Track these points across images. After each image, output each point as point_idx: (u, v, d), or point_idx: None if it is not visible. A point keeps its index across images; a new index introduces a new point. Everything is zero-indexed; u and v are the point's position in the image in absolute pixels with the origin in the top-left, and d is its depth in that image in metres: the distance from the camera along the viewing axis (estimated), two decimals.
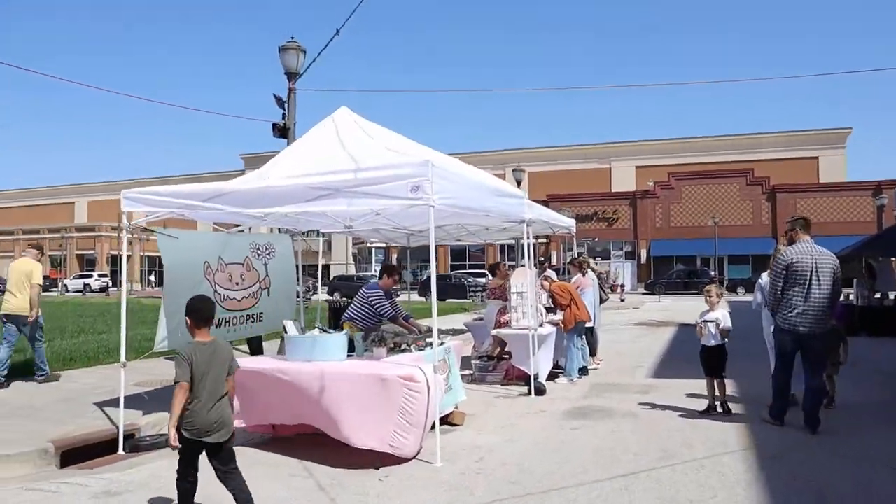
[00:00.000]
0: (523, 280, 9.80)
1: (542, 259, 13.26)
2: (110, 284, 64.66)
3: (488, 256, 58.05)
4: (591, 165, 64.82)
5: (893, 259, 18.84)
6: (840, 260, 7.28)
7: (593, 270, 12.44)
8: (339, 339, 6.65)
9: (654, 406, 8.29)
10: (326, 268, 74.03)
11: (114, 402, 7.86)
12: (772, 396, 7.34)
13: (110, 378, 9.78)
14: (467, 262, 59.77)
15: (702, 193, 53.45)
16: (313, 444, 6.55)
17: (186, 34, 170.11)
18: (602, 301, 12.31)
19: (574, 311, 10.05)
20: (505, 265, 11.81)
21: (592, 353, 11.35)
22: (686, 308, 29.21)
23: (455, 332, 16.82)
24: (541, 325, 10.28)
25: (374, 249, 66.57)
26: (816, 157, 58.91)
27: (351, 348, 7.29)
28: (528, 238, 9.54)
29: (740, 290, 44.86)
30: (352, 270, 66.74)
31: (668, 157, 61.20)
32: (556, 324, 10.46)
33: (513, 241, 12.95)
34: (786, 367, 7.15)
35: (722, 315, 8.04)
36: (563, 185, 59.86)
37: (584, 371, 10.61)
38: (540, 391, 9.10)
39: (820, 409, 7.03)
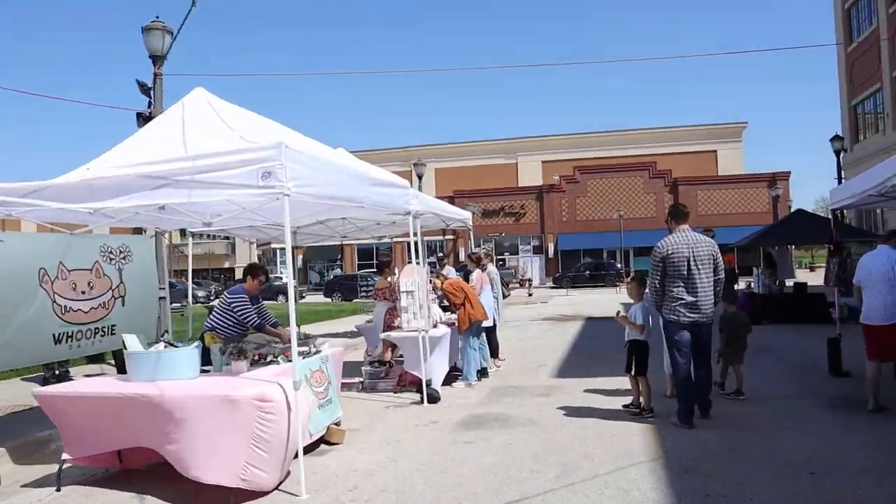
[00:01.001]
0: (412, 278, 9.00)
1: (441, 255, 12.49)
2: None
3: (396, 255, 57.14)
4: (498, 161, 64.76)
5: (789, 247, 19.10)
6: (739, 250, 7.02)
7: (494, 264, 11.76)
8: (187, 354, 5.65)
9: (555, 410, 7.62)
10: (231, 271, 71.56)
11: None
12: (677, 397, 6.85)
13: None
14: (374, 262, 58.67)
15: (607, 187, 54.12)
16: (165, 477, 5.56)
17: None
18: (505, 297, 11.62)
19: (469, 310, 9.31)
20: (392, 265, 10.94)
21: (494, 354, 10.66)
22: (593, 301, 29.15)
23: (352, 335, 15.91)
24: (434, 326, 9.52)
25: (278, 251, 64.61)
26: (715, 151, 60.62)
27: (210, 362, 6.33)
28: (417, 232, 8.75)
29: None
30: None
31: (574, 152, 61.71)
32: (451, 324, 9.71)
33: (432, 239, 12.15)
34: (684, 359, 6.74)
35: (634, 310, 7.39)
36: (471, 181, 59.55)
37: (483, 373, 9.91)
38: (433, 398, 8.32)
39: (710, 393, 6.90)
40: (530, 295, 35.17)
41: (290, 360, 6.27)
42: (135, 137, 6.45)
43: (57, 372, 9.82)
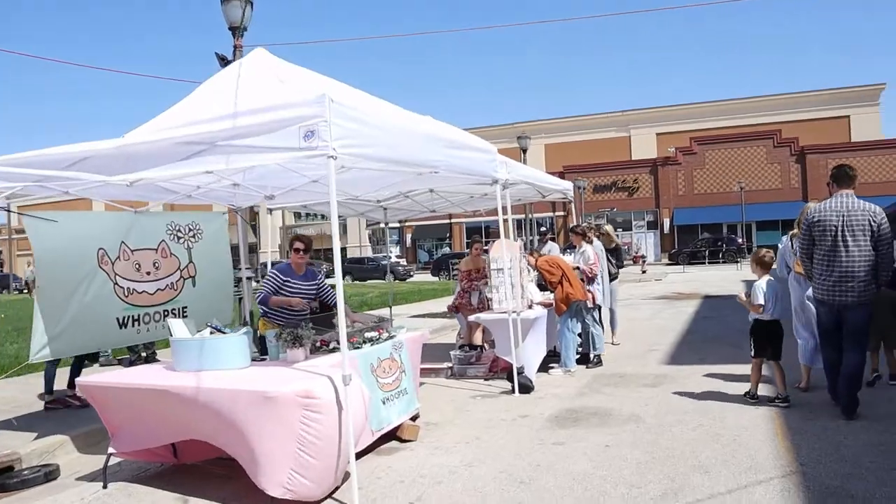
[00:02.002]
0: (503, 254, 8.13)
1: (543, 230, 11.60)
2: None
3: (514, 232, 56.21)
4: (610, 135, 62.33)
5: None
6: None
7: (600, 239, 10.65)
8: (235, 341, 5.03)
9: (664, 404, 6.60)
10: (343, 251, 72.72)
11: None
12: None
13: None
14: (484, 240, 58.00)
15: (726, 158, 50.98)
16: (221, 476, 5.03)
17: None
18: (612, 275, 10.51)
19: (567, 288, 8.35)
20: (481, 243, 10.02)
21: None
22: (712, 278, 27.32)
23: (438, 316, 15.20)
24: (529, 307, 8.63)
25: (387, 230, 65.04)
26: (848, 116, 55.88)
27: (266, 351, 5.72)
28: (506, 203, 7.88)
29: (770, 256, 42.57)
30: (368, 252, 65.18)
31: (690, 123, 58.53)
32: (547, 305, 8.78)
33: (542, 216, 11.23)
34: (828, 344, 5.96)
35: (755, 288, 6.37)
36: (581, 155, 57.62)
37: (585, 359, 8.93)
38: (525, 388, 7.44)
39: (858, 391, 5.78)
40: (644, 272, 33.48)
41: (359, 346, 5.64)
42: (184, 101, 5.87)
43: (144, 354, 9.63)
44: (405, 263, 48.47)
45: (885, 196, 33.58)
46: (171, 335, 5.15)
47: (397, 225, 63.31)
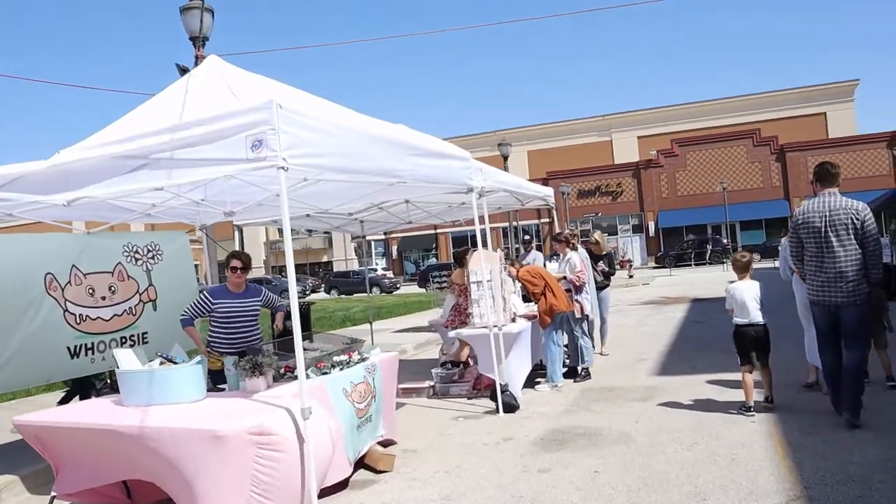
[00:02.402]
0: (484, 266, 7.75)
1: (527, 238, 11.19)
2: None
3: (492, 242, 55.86)
4: (592, 139, 62.22)
5: None
6: None
7: (590, 246, 10.30)
8: (188, 372, 4.61)
9: (655, 420, 6.22)
10: (329, 265, 72.01)
11: None
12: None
13: None
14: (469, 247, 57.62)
15: (708, 159, 50.96)
16: None
17: None
18: (600, 284, 10.12)
19: (550, 300, 7.98)
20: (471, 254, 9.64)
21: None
22: (699, 280, 27.10)
23: (423, 330, 14.77)
24: (513, 321, 8.25)
25: (373, 242, 64.55)
26: (824, 113, 56.05)
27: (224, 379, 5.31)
28: (485, 214, 7.51)
29: (755, 256, 42.40)
30: (354, 265, 64.55)
31: (671, 125, 58.50)
32: (531, 317, 8.41)
33: (528, 224, 10.80)
34: (826, 346, 5.74)
35: (731, 290, 6.20)
36: (564, 161, 57.32)
37: (573, 372, 8.55)
38: (510, 407, 7.04)
39: (861, 394, 5.51)
40: (631, 277, 33.23)
41: (325, 372, 5.24)
42: (128, 115, 5.46)
43: (109, 381, 9.13)
44: (392, 276, 47.98)
45: (865, 191, 33.55)
46: (118, 367, 4.72)
47: (382, 237, 62.82)
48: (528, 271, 8.21)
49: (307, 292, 47.54)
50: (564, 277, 8.58)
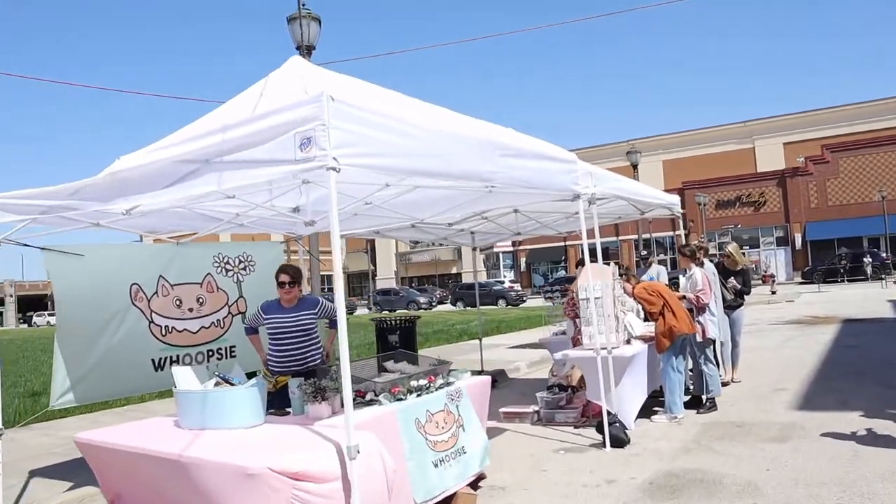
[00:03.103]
0: (594, 281, 6.98)
1: (645, 252, 10.25)
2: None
3: (622, 254, 54.02)
4: (732, 147, 58.88)
5: None
6: None
7: (722, 261, 9.22)
8: (241, 395, 4.20)
9: (792, 469, 5.24)
10: (458, 276, 72.16)
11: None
12: None
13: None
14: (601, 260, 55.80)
15: (863, 165, 46.82)
16: None
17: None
18: (733, 303, 8.97)
19: (670, 320, 7.08)
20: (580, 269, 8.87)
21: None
22: (852, 299, 24.62)
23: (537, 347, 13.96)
24: (628, 342, 7.42)
25: (501, 254, 64.11)
26: None
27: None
28: (592, 222, 6.75)
29: None
30: (483, 277, 64.22)
31: (820, 130, 54.23)
32: (649, 339, 7.53)
33: (662, 235, 9.89)
34: None
35: None
36: (702, 170, 54.48)
37: (696, 402, 7.60)
38: (618, 441, 6.23)
39: None
40: (773, 293, 30.82)
41: (401, 398, 4.71)
42: (201, 119, 5.16)
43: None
44: (519, 288, 47.14)
45: None
46: (175, 386, 4.39)
47: (510, 248, 62.25)
48: (644, 288, 7.36)
49: (433, 304, 47.70)
50: (684, 296, 7.64)
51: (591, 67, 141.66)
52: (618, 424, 6.39)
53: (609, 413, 6.42)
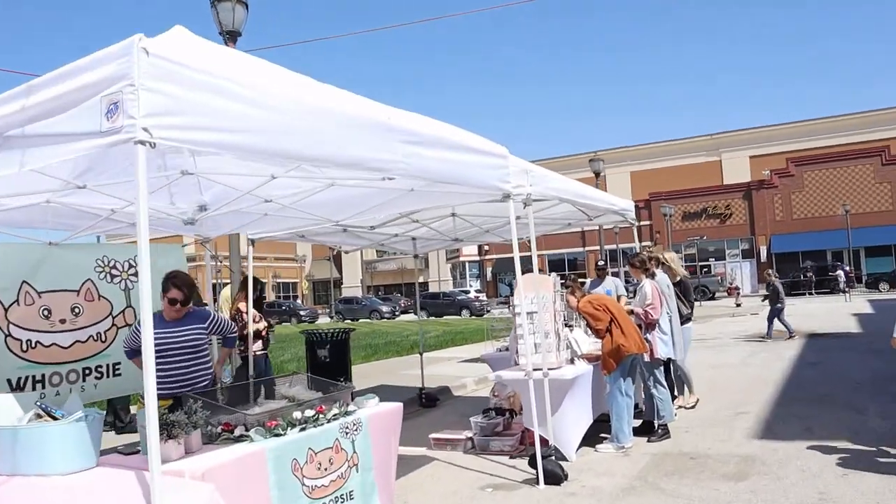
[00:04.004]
0: (533, 294, 6.19)
1: (601, 263, 9.45)
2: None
3: (589, 265, 53.51)
4: (700, 160, 58.83)
5: None
6: None
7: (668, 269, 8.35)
8: (60, 433, 3.29)
9: None
10: (425, 285, 71.25)
11: None
12: None
13: None
14: (567, 272, 55.33)
15: (828, 179, 46.90)
16: None
17: None
18: (683, 317, 8.17)
19: (617, 338, 6.30)
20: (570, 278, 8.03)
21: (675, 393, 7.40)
22: (817, 312, 24.21)
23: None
24: (571, 362, 6.63)
25: (467, 263, 63.38)
26: None
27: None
28: (531, 229, 5.95)
29: (883, 285, 38.46)
30: (450, 287, 63.25)
31: (787, 143, 54.37)
32: (593, 359, 6.75)
33: (631, 246, 8.78)
34: None
35: None
36: (669, 182, 54.21)
37: (648, 427, 6.83)
38: (553, 478, 5.41)
39: None
40: (738, 305, 30.45)
41: (279, 432, 3.86)
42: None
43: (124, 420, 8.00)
44: (484, 298, 46.39)
45: None
46: None
47: (476, 257, 61.52)
48: (590, 301, 6.55)
49: (396, 313, 46.69)
50: (632, 311, 6.87)
51: (557, 76, 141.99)
52: (553, 458, 5.58)
53: (545, 443, 5.62)
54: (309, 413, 4.20)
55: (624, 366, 6.34)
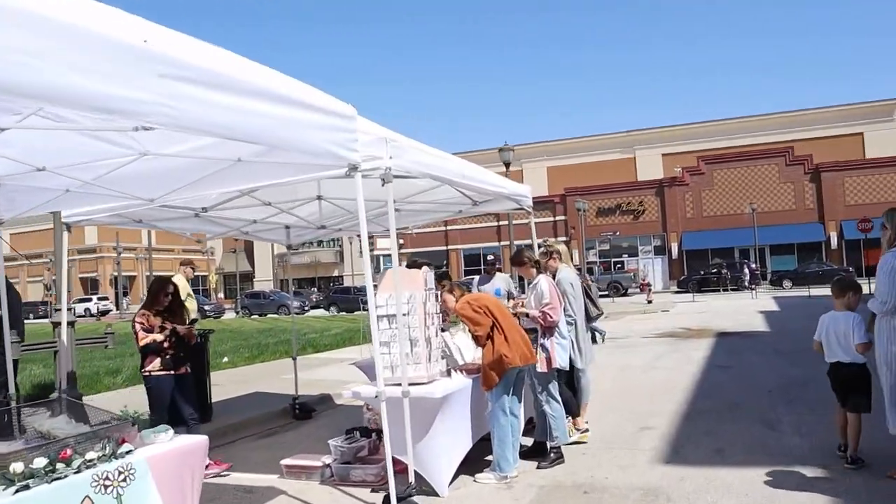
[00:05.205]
0: (400, 292, 5.03)
1: (490, 258, 8.38)
2: (114, 308, 61.91)
3: (505, 260, 52.92)
4: (615, 156, 59.08)
5: None
6: None
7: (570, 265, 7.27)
8: None
9: None
10: (340, 279, 69.45)
11: None
12: None
13: None
14: (481, 268, 54.58)
15: (736, 178, 47.75)
16: None
17: None
18: (591, 318, 7.20)
19: (499, 346, 5.21)
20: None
21: (570, 413, 6.37)
22: (725, 309, 24.09)
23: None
24: (447, 375, 5.52)
25: (382, 257, 61.99)
26: (861, 133, 52.51)
27: None
28: (391, 211, 4.78)
29: (787, 283, 39.27)
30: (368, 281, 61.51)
31: (698, 142, 55.16)
32: (474, 371, 5.66)
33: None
34: None
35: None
36: (585, 178, 54.25)
37: (540, 449, 5.80)
38: None
39: None
40: (650, 302, 30.26)
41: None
42: None
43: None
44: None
45: None
46: None
47: (387, 251, 60.24)
48: (469, 302, 5.43)
49: (306, 308, 44.98)
50: (527, 314, 5.81)
51: (474, 70, 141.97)
52: (413, 498, 4.45)
53: (409, 475, 4.49)
54: (41, 464, 2.94)
55: (508, 380, 5.26)
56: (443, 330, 5.97)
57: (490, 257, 8.47)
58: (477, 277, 8.66)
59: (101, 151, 4.14)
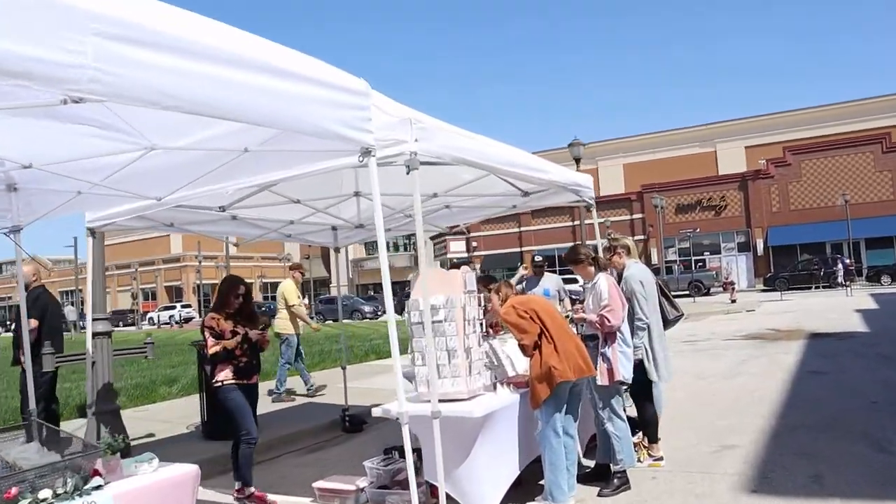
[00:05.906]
0: (438, 295, 4.42)
1: (538, 259, 7.64)
2: (197, 315, 63.84)
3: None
4: (694, 150, 56.88)
5: None
6: None
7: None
8: None
9: None
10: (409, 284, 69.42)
11: None
12: None
13: None
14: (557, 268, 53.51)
15: (826, 168, 45.09)
16: None
17: None
18: (669, 321, 6.26)
19: (547, 357, 4.50)
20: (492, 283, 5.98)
21: (648, 436, 5.56)
22: (817, 307, 22.48)
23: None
24: (493, 389, 4.87)
25: (456, 260, 61.54)
26: None
27: None
28: (417, 202, 4.14)
29: (885, 278, 36.74)
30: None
31: (783, 133, 52.53)
32: (521, 384, 4.97)
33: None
34: None
35: None
36: (663, 174, 52.25)
37: (603, 473, 5.07)
38: None
39: None
40: (733, 301, 28.68)
41: None
42: None
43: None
44: None
45: None
46: None
47: (465, 254, 59.67)
48: (515, 306, 4.74)
49: (379, 313, 45.03)
50: (583, 320, 5.09)
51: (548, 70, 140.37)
52: None
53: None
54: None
55: (559, 395, 4.54)
56: (490, 336, 5.32)
57: (538, 258, 7.76)
58: (518, 276, 7.94)
59: (95, 147, 3.74)
